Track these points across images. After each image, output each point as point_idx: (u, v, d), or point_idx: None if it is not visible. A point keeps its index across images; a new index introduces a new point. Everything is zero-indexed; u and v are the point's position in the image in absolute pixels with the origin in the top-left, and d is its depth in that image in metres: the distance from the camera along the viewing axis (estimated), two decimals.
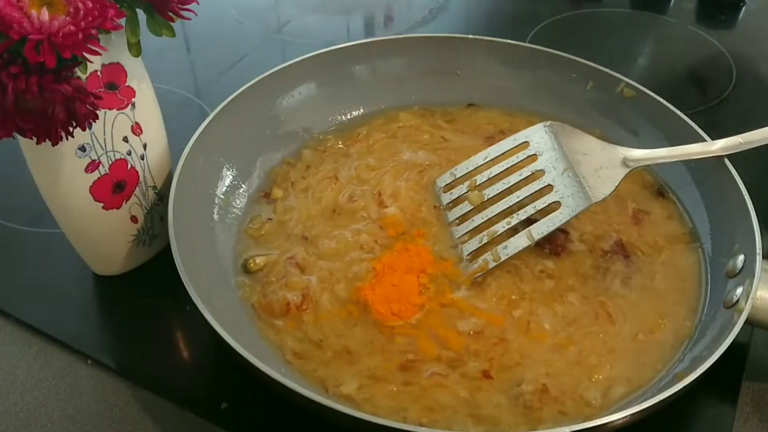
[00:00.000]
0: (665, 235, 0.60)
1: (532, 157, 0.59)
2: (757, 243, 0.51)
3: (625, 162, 0.57)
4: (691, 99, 0.82)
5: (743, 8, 1.00)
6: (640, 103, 0.67)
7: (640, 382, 0.50)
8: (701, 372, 0.43)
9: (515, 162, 0.60)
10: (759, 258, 0.50)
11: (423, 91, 0.73)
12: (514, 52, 0.72)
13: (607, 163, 0.57)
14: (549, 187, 0.57)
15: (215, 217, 0.60)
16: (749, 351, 0.55)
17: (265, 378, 0.43)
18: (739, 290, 0.50)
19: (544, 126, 0.60)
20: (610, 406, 0.48)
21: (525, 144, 0.60)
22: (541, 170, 0.58)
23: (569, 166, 0.57)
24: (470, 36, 0.73)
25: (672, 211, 0.62)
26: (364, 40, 0.72)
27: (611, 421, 0.41)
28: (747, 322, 0.47)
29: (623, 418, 0.42)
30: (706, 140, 0.60)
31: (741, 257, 0.52)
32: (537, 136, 0.60)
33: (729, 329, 0.46)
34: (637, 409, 0.41)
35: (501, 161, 0.61)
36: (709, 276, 0.56)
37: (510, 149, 0.61)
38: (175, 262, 0.49)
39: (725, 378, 0.52)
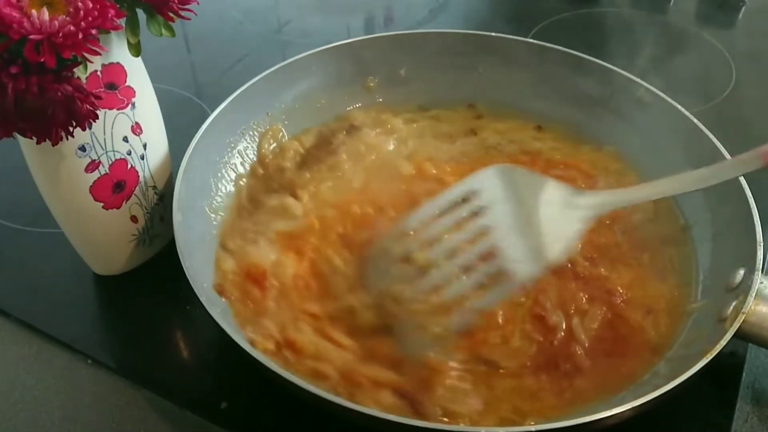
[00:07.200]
0: (663, 236, 0.59)
1: (482, 210, 0.52)
2: (758, 258, 0.49)
3: (582, 210, 0.51)
4: (690, 99, 0.82)
5: (743, 8, 1.00)
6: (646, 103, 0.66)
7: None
8: (697, 370, 0.43)
9: (462, 216, 0.52)
10: (758, 274, 0.48)
11: (422, 90, 0.73)
12: (514, 51, 0.72)
13: (564, 216, 0.51)
14: (497, 248, 0.50)
15: (215, 218, 0.60)
16: (749, 351, 0.54)
17: (273, 376, 0.43)
18: (734, 303, 0.48)
19: (496, 170, 0.53)
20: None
21: (476, 193, 0.53)
22: (489, 226, 0.51)
23: (522, 219, 0.51)
24: (471, 32, 0.72)
25: (673, 208, 0.62)
26: (363, 37, 0.71)
27: (606, 417, 0.41)
28: (737, 335, 0.46)
29: (618, 413, 0.41)
30: (708, 138, 0.59)
31: (741, 272, 0.50)
32: (488, 183, 0.53)
33: (720, 335, 0.45)
34: (629, 407, 0.41)
35: (450, 214, 0.53)
36: (707, 280, 0.55)
37: (460, 199, 0.53)
38: (181, 260, 0.48)
39: (725, 378, 0.52)
